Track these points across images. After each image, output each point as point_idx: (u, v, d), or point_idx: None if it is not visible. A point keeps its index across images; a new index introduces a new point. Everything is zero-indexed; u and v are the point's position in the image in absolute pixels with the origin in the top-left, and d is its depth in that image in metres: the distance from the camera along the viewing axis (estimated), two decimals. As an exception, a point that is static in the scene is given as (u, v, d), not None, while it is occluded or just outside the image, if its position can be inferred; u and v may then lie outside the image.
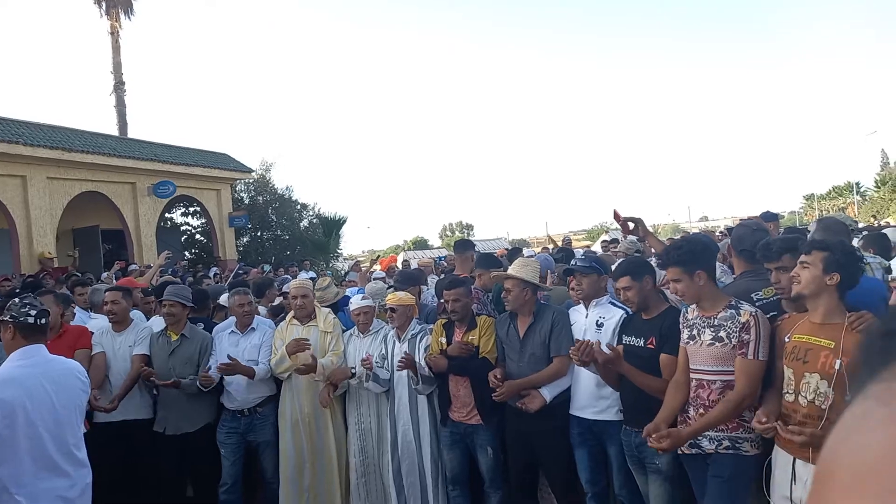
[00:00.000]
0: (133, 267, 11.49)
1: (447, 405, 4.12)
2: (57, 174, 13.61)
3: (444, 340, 4.11)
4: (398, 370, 4.18)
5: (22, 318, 2.86)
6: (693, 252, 2.98)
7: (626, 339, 3.44)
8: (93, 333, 4.68)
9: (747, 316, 2.81)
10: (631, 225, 4.01)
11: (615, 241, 9.53)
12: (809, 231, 6.37)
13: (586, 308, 3.81)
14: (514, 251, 6.50)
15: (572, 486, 3.86)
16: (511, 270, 3.96)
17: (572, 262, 4.03)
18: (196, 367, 4.50)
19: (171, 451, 4.45)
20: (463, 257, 5.62)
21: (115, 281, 8.41)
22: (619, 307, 3.70)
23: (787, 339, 2.67)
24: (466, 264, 5.50)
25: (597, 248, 15.64)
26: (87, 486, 2.96)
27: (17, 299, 2.98)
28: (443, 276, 6.65)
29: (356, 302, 4.54)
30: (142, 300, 5.76)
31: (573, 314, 3.90)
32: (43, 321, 2.93)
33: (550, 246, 11.24)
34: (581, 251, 8.38)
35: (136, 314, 5.05)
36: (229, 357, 4.31)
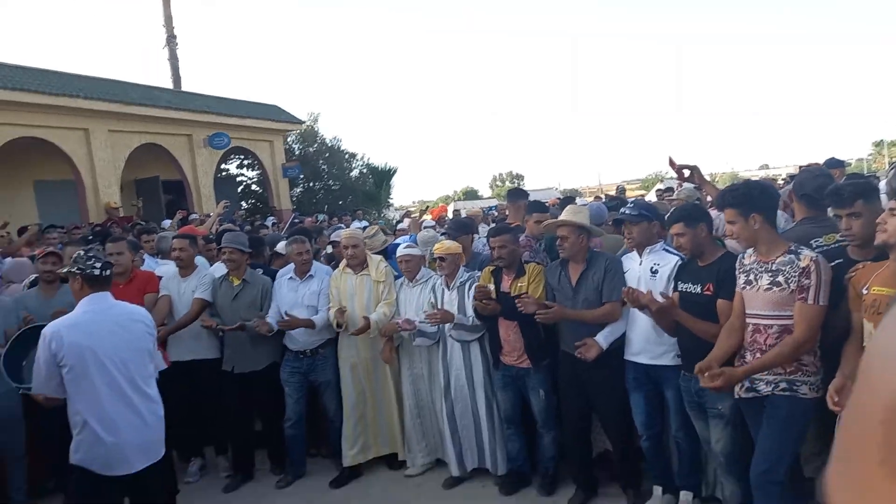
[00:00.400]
0: (193, 216, 11.87)
1: (498, 349, 4.21)
2: (117, 127, 14.04)
3: (491, 287, 4.18)
4: (431, 325, 4.28)
5: (88, 271, 3.08)
6: (749, 195, 2.91)
7: (681, 285, 3.42)
8: (160, 278, 4.93)
9: (807, 261, 2.75)
10: (686, 172, 3.92)
11: (670, 189, 9.33)
12: (878, 178, 6.10)
13: (640, 255, 3.79)
14: (567, 199, 6.43)
15: (626, 429, 3.93)
16: (565, 216, 3.95)
17: (622, 210, 3.98)
18: (259, 311, 4.69)
19: (238, 389, 4.70)
20: (516, 206, 5.61)
21: (176, 229, 8.74)
22: (674, 253, 3.66)
23: (864, 291, 2.58)
24: (519, 213, 5.50)
25: (651, 197, 15.32)
26: (160, 420, 3.19)
27: (82, 252, 3.19)
28: (493, 225, 6.67)
29: (400, 249, 4.62)
30: (204, 247, 6.00)
31: (627, 261, 3.88)
32: (107, 272, 3.15)
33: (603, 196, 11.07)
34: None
35: (200, 260, 5.29)
36: (286, 314, 4.49)
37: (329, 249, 6.12)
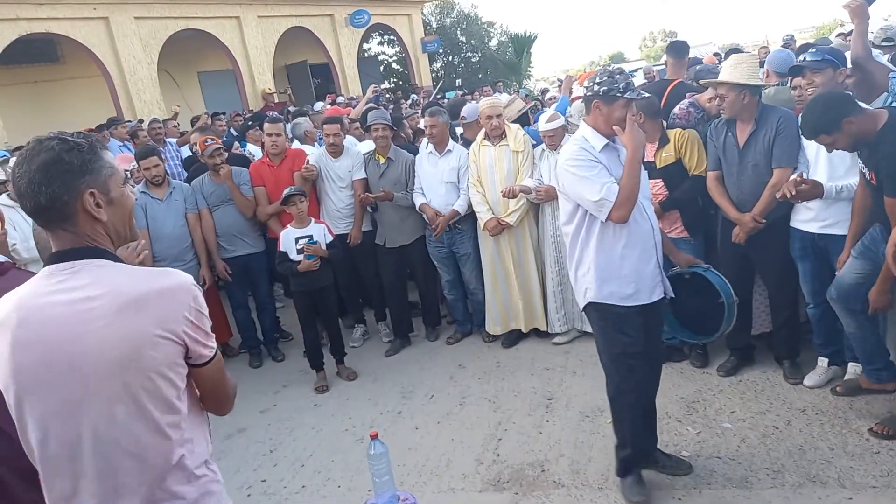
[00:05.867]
0: (340, 99, 12.22)
1: None
2: (265, 12, 14.47)
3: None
4: None
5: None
6: None
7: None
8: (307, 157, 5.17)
9: None
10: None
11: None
12: None
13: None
14: (733, 51, 5.70)
15: (790, 300, 3.70)
16: (722, 74, 3.54)
17: (801, 57, 3.46)
18: (404, 187, 4.84)
19: (391, 260, 4.99)
20: (678, 61, 5.07)
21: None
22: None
23: None
24: (680, 69, 4.99)
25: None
26: None
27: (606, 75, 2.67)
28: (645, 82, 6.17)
29: (543, 125, 4.40)
30: (351, 126, 6.30)
31: None
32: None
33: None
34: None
35: (348, 139, 5.50)
36: (437, 213, 4.67)
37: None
